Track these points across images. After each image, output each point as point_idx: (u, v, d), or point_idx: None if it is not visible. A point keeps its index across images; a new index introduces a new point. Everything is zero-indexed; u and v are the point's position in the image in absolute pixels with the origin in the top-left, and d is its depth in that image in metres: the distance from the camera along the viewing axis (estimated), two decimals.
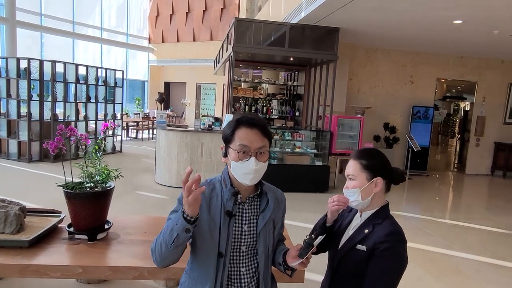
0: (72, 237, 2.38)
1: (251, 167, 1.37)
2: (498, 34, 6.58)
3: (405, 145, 9.20)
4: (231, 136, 1.41)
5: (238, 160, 1.38)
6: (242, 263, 1.46)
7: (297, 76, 9.29)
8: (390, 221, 1.51)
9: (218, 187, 1.46)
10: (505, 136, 9.92)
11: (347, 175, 1.56)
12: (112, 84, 9.89)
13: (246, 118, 1.42)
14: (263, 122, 1.44)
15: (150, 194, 6.16)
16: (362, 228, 1.51)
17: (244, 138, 1.38)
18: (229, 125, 1.44)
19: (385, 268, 1.40)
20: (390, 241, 1.42)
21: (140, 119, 13.78)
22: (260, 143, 1.39)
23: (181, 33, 18.06)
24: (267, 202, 1.49)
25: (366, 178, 1.50)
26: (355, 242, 1.49)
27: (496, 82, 9.78)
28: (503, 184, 9.26)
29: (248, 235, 1.45)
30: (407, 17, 6.06)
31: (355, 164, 1.53)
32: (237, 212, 1.45)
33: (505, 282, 3.78)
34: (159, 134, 6.86)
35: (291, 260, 1.43)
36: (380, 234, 1.44)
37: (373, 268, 1.42)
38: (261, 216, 1.47)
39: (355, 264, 1.46)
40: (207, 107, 18.47)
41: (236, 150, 1.38)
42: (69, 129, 2.15)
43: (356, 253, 1.47)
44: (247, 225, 1.46)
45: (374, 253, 1.42)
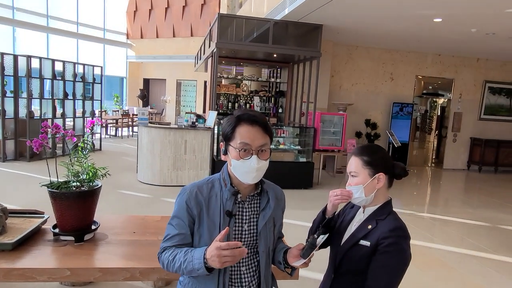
0: (57, 239, 2.29)
1: (253, 166, 1.34)
2: (476, 32, 6.76)
3: (386, 141, 9.36)
4: (231, 134, 1.37)
5: (239, 158, 1.34)
6: (242, 262, 1.43)
7: (279, 73, 9.29)
8: (393, 216, 1.51)
9: (217, 186, 1.43)
10: (480, 132, 10.26)
11: (349, 172, 1.55)
12: (90, 80, 9.62)
13: (247, 114, 1.38)
14: (264, 119, 1.41)
15: (133, 193, 6.03)
16: (365, 224, 1.51)
17: (245, 135, 1.34)
18: (228, 122, 1.40)
19: (389, 263, 1.40)
20: (394, 237, 1.42)
21: (119, 117, 13.49)
22: (262, 140, 1.36)
23: (160, 29, 17.75)
24: (268, 201, 1.47)
25: (369, 174, 1.50)
26: (358, 237, 1.49)
27: (471, 79, 10.08)
28: (479, 178, 9.57)
29: (249, 235, 1.43)
30: (388, 15, 6.14)
31: (356, 160, 1.53)
32: (237, 212, 1.42)
33: (488, 273, 3.90)
34: (141, 132, 6.72)
35: (293, 260, 1.42)
36: (384, 229, 1.44)
37: (376, 263, 1.42)
38: (261, 215, 1.45)
39: (358, 260, 1.46)
40: (188, 104, 18.27)
41: (237, 148, 1.34)
42: (54, 126, 2.06)
43: (359, 248, 1.46)
44: (247, 224, 1.43)
45: (378, 248, 1.42)
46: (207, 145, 6.58)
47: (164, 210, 5.36)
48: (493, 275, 3.86)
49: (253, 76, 9.30)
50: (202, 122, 6.83)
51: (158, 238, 2.42)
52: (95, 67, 9.81)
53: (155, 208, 5.42)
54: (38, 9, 14.36)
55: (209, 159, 6.60)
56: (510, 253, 4.48)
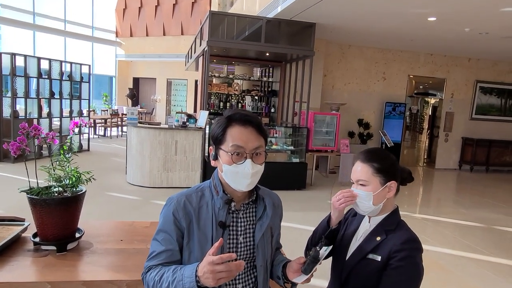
0: (38, 248, 2.13)
1: (247, 171, 1.20)
2: (469, 32, 6.73)
3: (379, 141, 9.31)
4: (222, 136, 1.23)
5: (232, 163, 1.20)
6: (238, 279, 1.29)
7: (271, 72, 9.17)
8: (404, 227, 1.40)
9: (207, 195, 1.28)
10: (471, 131, 10.28)
11: (356, 181, 1.41)
12: (77, 79, 9.38)
13: (238, 114, 1.24)
14: (258, 119, 1.27)
15: (121, 195, 5.86)
16: (373, 236, 1.38)
17: (238, 137, 1.21)
18: (218, 123, 1.26)
19: (402, 279, 1.29)
20: (407, 250, 1.30)
21: (108, 116, 13.23)
22: (256, 142, 1.22)
23: (150, 27, 17.51)
24: (264, 209, 1.33)
25: (380, 183, 1.37)
26: (366, 251, 1.36)
27: (463, 79, 10.09)
28: (471, 178, 9.59)
29: (245, 247, 1.29)
30: (383, 13, 6.06)
31: (365, 168, 1.39)
32: (231, 222, 1.27)
33: (486, 276, 3.84)
34: (130, 132, 6.54)
35: (293, 275, 1.28)
36: (396, 242, 1.32)
37: (389, 279, 1.30)
38: (258, 225, 1.30)
39: (367, 275, 1.34)
40: (178, 104, 18.06)
41: (229, 152, 1.21)
42: (33, 128, 1.90)
43: (369, 263, 1.34)
44: (242, 236, 1.29)
45: (390, 262, 1.30)
46: (198, 146, 6.43)
47: (154, 213, 5.20)
48: (491, 278, 3.80)
49: (244, 75, 9.17)
50: (193, 122, 6.68)
51: (147, 246, 2.27)
52: (83, 66, 9.57)
53: (145, 210, 5.26)
54: (24, 6, 14.02)
55: (200, 160, 6.45)
56: (506, 254, 4.44)
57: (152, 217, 5.00)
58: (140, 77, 18.46)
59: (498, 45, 7.90)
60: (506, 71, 10.30)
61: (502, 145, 10.19)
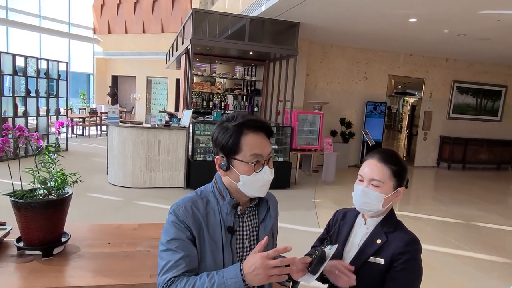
0: (22, 254, 2.04)
1: (266, 178, 1.18)
2: (448, 33, 6.90)
3: (360, 139, 9.44)
4: (236, 146, 1.17)
5: (252, 172, 1.17)
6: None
7: (255, 71, 9.15)
8: (404, 228, 1.40)
9: (212, 201, 1.24)
10: (449, 130, 10.57)
11: (370, 179, 1.36)
12: (55, 76, 9.09)
13: (251, 121, 1.20)
14: (268, 123, 1.26)
15: (103, 196, 5.71)
16: (373, 238, 1.37)
17: (255, 146, 1.17)
18: (227, 132, 1.19)
19: (407, 281, 1.29)
20: (410, 252, 1.31)
21: (86, 115, 12.90)
22: (269, 148, 1.22)
23: (129, 24, 17.18)
24: (267, 211, 1.31)
25: (393, 187, 1.36)
26: (368, 255, 1.35)
27: (441, 79, 10.35)
28: (448, 175, 9.85)
29: (250, 251, 1.27)
30: (366, 13, 6.13)
31: (383, 168, 1.35)
32: (238, 227, 1.25)
33: (469, 272, 3.94)
34: (111, 131, 6.39)
35: (298, 275, 1.27)
36: (398, 244, 1.32)
37: (394, 282, 1.30)
38: (261, 227, 1.29)
39: (371, 278, 1.33)
40: (159, 102, 17.81)
41: (248, 162, 1.16)
42: (18, 128, 1.81)
43: (372, 267, 1.33)
44: (248, 239, 1.27)
45: (394, 265, 1.30)
46: (182, 145, 6.34)
47: (138, 214, 5.11)
48: (474, 274, 3.91)
49: (227, 74, 9.12)
50: (176, 121, 6.58)
51: (136, 249, 2.22)
52: (60, 63, 9.28)
53: (128, 212, 5.15)
54: None
55: (184, 159, 6.36)
56: (486, 250, 4.57)
57: (136, 219, 4.91)
58: (119, 75, 18.09)
59: (474, 47, 8.14)
60: (481, 71, 10.63)
61: (478, 144, 10.52)
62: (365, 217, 1.45)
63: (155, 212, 5.25)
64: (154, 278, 1.86)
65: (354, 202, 1.42)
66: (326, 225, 1.67)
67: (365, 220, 1.44)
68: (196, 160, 6.40)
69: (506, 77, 10.90)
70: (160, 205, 5.51)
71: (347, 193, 7.15)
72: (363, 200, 1.37)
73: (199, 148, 6.51)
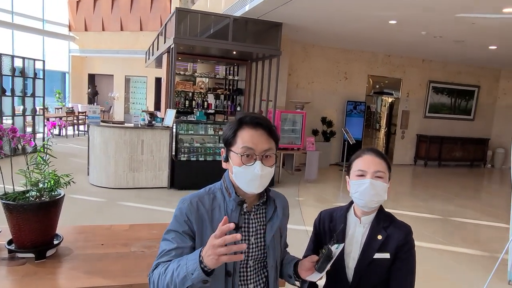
0: (13, 256, 2.00)
1: (256, 172, 1.21)
2: (425, 35, 7.13)
3: (341, 138, 9.62)
4: (232, 138, 1.25)
5: (242, 164, 1.22)
6: (250, 279, 1.31)
7: (237, 71, 9.16)
8: (397, 220, 1.49)
9: (219, 197, 1.29)
10: (425, 129, 10.91)
11: (374, 171, 1.41)
12: (31, 75, 8.83)
13: (249, 117, 1.27)
14: (269, 122, 1.30)
15: (85, 197, 5.60)
16: (373, 235, 1.43)
17: (248, 139, 1.23)
18: (229, 126, 1.28)
19: (411, 267, 1.40)
20: (410, 241, 1.42)
21: (63, 114, 12.57)
22: (266, 145, 1.25)
23: (106, 22, 16.83)
24: (275, 210, 1.35)
25: (388, 178, 1.45)
26: (373, 252, 1.41)
27: (417, 79, 10.67)
28: (425, 172, 10.18)
29: (256, 248, 1.31)
30: (347, 15, 6.27)
31: (382, 162, 1.45)
32: (243, 224, 1.29)
33: (449, 265, 4.10)
34: (92, 131, 6.27)
35: (306, 273, 1.31)
36: (399, 236, 1.41)
37: (401, 271, 1.39)
38: (268, 226, 1.33)
39: (380, 273, 1.40)
40: (138, 101, 17.54)
41: (239, 154, 1.22)
42: (11, 130, 1.78)
43: (379, 263, 1.40)
44: (254, 237, 1.30)
45: (398, 255, 1.39)
46: (165, 145, 6.30)
47: (123, 215, 5.04)
48: (453, 266, 4.08)
49: (209, 73, 9.09)
50: (160, 121, 6.53)
51: (131, 250, 2.21)
52: (37, 61, 9.01)
53: (113, 213, 5.08)
54: None
55: (168, 159, 6.32)
56: (464, 244, 4.77)
57: (122, 220, 4.85)
58: (96, 74, 17.69)
59: (449, 48, 8.43)
60: (455, 72, 11.02)
61: (452, 142, 10.91)
62: (359, 215, 1.48)
63: (140, 212, 5.20)
64: None
65: (360, 197, 1.42)
66: (312, 228, 1.66)
67: (359, 220, 1.47)
68: (180, 160, 6.37)
69: (478, 78, 11.34)
70: (144, 205, 5.46)
71: (329, 191, 7.31)
72: (373, 192, 1.39)
73: (183, 148, 6.48)
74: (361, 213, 1.48)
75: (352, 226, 1.48)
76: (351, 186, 1.46)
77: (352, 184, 1.46)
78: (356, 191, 1.43)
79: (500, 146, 11.52)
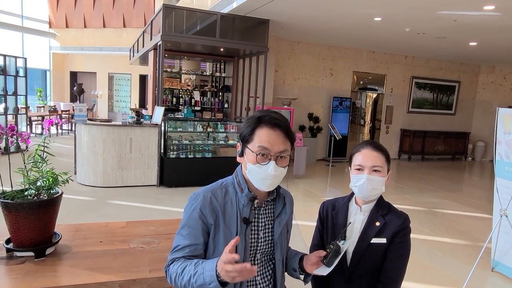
0: (11, 256, 1.99)
1: (269, 172, 1.24)
2: (409, 32, 7.28)
3: (328, 134, 9.75)
4: (249, 135, 1.27)
5: (256, 163, 1.25)
6: (257, 271, 1.35)
7: (224, 67, 9.17)
8: (394, 208, 1.57)
9: (231, 191, 1.32)
10: (409, 124, 11.15)
11: (372, 166, 1.50)
12: (12, 73, 8.62)
13: (269, 116, 1.28)
14: (287, 123, 1.31)
15: (74, 197, 5.54)
16: (372, 222, 1.51)
17: (265, 139, 1.25)
18: (248, 122, 1.30)
19: (405, 251, 1.48)
20: (406, 227, 1.50)
21: (46, 113, 12.33)
22: (282, 146, 1.27)
23: (88, 18, 16.52)
24: (284, 206, 1.39)
25: (387, 170, 1.53)
26: (370, 237, 1.49)
27: (401, 75, 10.89)
28: (409, 166, 10.41)
29: (264, 242, 1.35)
30: (333, 12, 6.35)
31: (380, 156, 1.52)
32: (253, 219, 1.33)
33: (434, 255, 4.24)
34: (79, 130, 6.19)
35: (312, 268, 1.36)
36: (397, 222, 1.49)
37: (394, 254, 1.46)
38: (277, 222, 1.37)
39: (376, 257, 1.47)
40: (122, 99, 17.32)
41: (254, 152, 1.25)
42: (10, 128, 1.78)
43: (375, 247, 1.47)
44: (262, 231, 1.35)
45: (394, 239, 1.46)
46: (154, 143, 6.27)
47: (115, 214, 5.02)
48: (438, 255, 4.22)
49: (196, 70, 9.07)
50: (148, 119, 6.49)
51: (130, 246, 2.23)
52: (18, 59, 8.81)
53: (104, 212, 5.05)
54: None
55: (157, 157, 6.30)
56: (448, 234, 4.94)
57: (112, 218, 4.82)
58: (78, 71, 17.37)
59: (431, 44, 8.64)
60: (436, 67, 11.29)
61: (435, 136, 11.20)
62: (360, 204, 1.58)
63: (130, 210, 5.19)
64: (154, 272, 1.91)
65: (359, 191, 1.53)
66: (318, 217, 1.75)
67: (360, 208, 1.57)
68: (169, 157, 6.35)
69: (459, 73, 11.65)
70: (134, 203, 5.44)
71: (318, 186, 7.40)
72: (370, 187, 1.49)
73: (172, 145, 6.47)
74: (362, 202, 1.57)
75: (354, 213, 1.58)
76: (351, 179, 1.56)
77: (352, 178, 1.56)
78: (355, 185, 1.53)
79: (480, 140, 11.89)
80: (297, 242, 4.02)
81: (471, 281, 3.44)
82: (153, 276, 1.85)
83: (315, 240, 1.70)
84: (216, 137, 7.01)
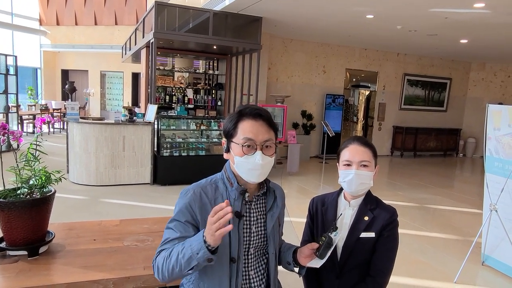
0: (4, 255, 1.99)
1: (257, 162, 1.26)
2: (400, 29, 7.33)
3: (321, 131, 9.79)
4: (233, 129, 1.30)
5: (243, 154, 1.27)
6: (250, 266, 1.37)
7: (217, 65, 9.15)
8: (382, 202, 1.59)
9: (221, 187, 1.34)
10: (401, 120, 11.24)
11: (360, 161, 1.53)
12: (3, 71, 8.53)
13: (249, 109, 1.31)
14: (268, 113, 1.35)
15: (67, 196, 5.51)
16: (361, 216, 1.54)
17: (249, 130, 1.28)
18: (230, 118, 1.33)
19: (393, 245, 1.51)
20: (394, 221, 1.52)
21: (37, 112, 12.21)
22: (266, 135, 1.30)
23: (79, 16, 16.36)
24: (275, 200, 1.41)
25: (374, 165, 1.55)
26: (359, 231, 1.51)
27: (393, 72, 10.96)
28: (401, 162, 10.50)
29: (257, 236, 1.36)
30: (325, 10, 6.37)
31: (367, 151, 1.54)
32: (245, 213, 1.34)
33: (426, 249, 4.30)
34: (72, 128, 6.15)
35: (305, 260, 1.38)
36: (385, 216, 1.51)
37: (383, 247, 1.49)
38: (269, 216, 1.39)
39: (365, 251, 1.50)
40: (114, 97, 17.21)
41: (240, 144, 1.27)
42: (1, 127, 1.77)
43: (364, 241, 1.49)
44: (254, 225, 1.36)
45: (383, 233, 1.49)
46: (147, 141, 6.25)
47: (109, 212, 5.00)
48: (430, 250, 4.28)
49: (188, 68, 9.04)
50: (141, 117, 6.46)
51: (124, 244, 2.23)
52: (8, 57, 8.71)
53: (97, 210, 5.03)
54: None
55: (150, 155, 6.28)
56: (439, 229, 5.00)
57: (106, 216, 4.80)
58: (70, 69, 17.20)
59: (423, 42, 8.70)
60: (428, 65, 11.38)
61: (427, 132, 11.30)
62: (348, 199, 1.61)
63: (124, 209, 5.17)
64: (148, 270, 1.92)
65: (347, 186, 1.56)
66: (307, 214, 1.78)
67: (349, 203, 1.60)
68: (162, 155, 6.34)
69: (450, 71, 11.76)
70: (127, 201, 5.42)
71: (311, 183, 7.44)
72: (359, 182, 1.52)
73: (165, 143, 6.45)
74: (350, 197, 1.60)
75: (343, 208, 1.60)
76: (340, 175, 1.59)
77: (340, 173, 1.59)
78: (344, 180, 1.56)
79: (471, 136, 12.02)
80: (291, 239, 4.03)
81: (462, 275, 3.50)
82: (148, 273, 1.85)
83: (306, 236, 1.72)
84: (209, 135, 7.00)
